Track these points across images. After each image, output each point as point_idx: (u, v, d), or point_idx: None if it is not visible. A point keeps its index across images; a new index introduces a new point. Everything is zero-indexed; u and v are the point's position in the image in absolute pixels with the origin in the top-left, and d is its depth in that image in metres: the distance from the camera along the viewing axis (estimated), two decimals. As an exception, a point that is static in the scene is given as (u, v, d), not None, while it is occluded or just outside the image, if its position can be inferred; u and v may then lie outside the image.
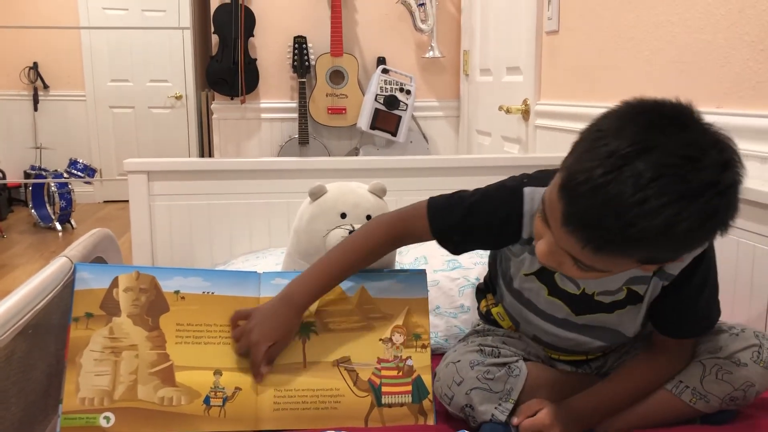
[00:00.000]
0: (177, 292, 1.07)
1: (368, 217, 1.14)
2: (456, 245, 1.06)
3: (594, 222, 0.76)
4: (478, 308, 1.22)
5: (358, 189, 1.23)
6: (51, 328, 1.02)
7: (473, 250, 1.11)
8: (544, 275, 1.02)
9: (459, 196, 1.05)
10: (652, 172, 0.72)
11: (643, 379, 1.01)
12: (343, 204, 1.15)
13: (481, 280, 1.24)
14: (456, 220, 1.02)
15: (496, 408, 0.98)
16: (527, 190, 0.97)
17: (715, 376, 0.98)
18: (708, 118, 1.60)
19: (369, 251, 1.08)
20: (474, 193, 1.04)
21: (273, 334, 1.03)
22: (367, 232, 1.09)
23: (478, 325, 1.20)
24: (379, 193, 1.19)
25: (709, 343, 1.01)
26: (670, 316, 1.00)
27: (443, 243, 1.06)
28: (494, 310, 1.16)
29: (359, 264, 1.09)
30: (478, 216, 1.01)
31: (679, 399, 0.99)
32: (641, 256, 0.81)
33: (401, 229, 1.07)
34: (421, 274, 1.15)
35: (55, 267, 1.04)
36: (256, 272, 1.14)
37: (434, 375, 1.07)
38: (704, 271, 0.97)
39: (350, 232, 1.10)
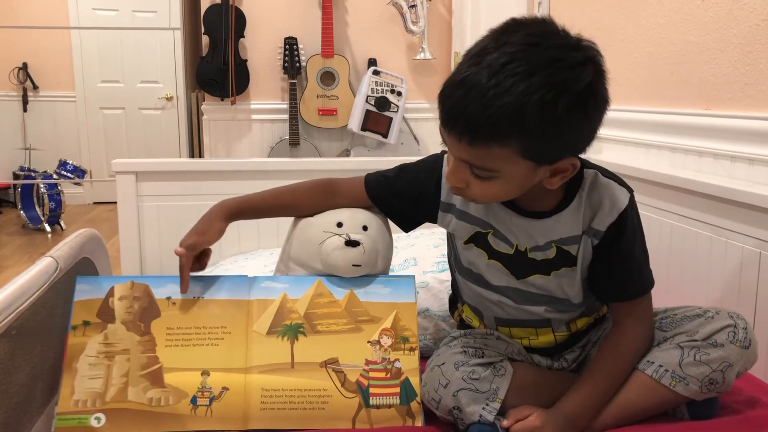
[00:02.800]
0: (169, 298, 1.10)
1: (365, 228, 1.14)
2: (392, 209, 1.15)
3: (461, 112, 0.85)
4: (453, 318, 1.26)
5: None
6: (35, 329, 1.01)
7: (415, 220, 1.16)
8: (479, 239, 1.07)
9: (393, 167, 1.16)
10: (504, 59, 0.83)
11: (612, 359, 1.04)
12: (339, 213, 1.15)
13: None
14: (387, 181, 1.14)
15: (483, 408, 0.98)
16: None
17: (693, 358, 0.99)
18: (697, 120, 1.62)
19: (304, 196, 1.18)
20: (408, 163, 1.16)
21: (196, 230, 1.12)
22: (308, 181, 1.20)
23: (454, 331, 1.22)
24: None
25: (686, 328, 1.03)
26: (606, 276, 1.05)
27: (381, 206, 1.16)
28: (464, 315, 1.19)
29: (291, 205, 1.19)
30: (405, 176, 1.13)
31: (659, 383, 1.00)
32: (517, 147, 0.86)
33: (337, 187, 1.18)
34: (410, 279, 1.15)
35: (40, 267, 1.03)
36: (246, 276, 1.14)
37: (422, 379, 1.07)
38: (631, 229, 1.02)
39: (346, 242, 1.10)
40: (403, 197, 1.13)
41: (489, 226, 1.05)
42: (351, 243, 1.11)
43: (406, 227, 1.18)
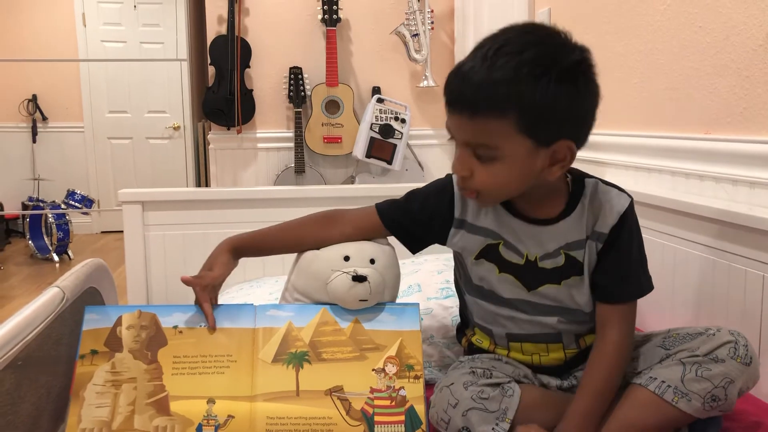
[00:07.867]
0: (176, 326, 1.11)
1: (372, 261, 1.14)
2: (403, 230, 1.17)
3: (461, 92, 0.96)
4: (460, 345, 1.27)
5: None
6: (41, 360, 1.02)
7: (424, 241, 1.18)
8: (490, 253, 1.11)
9: (402, 196, 1.20)
10: (498, 45, 0.93)
11: (599, 373, 1.04)
12: (346, 247, 1.15)
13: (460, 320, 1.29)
14: (398, 205, 1.18)
15: (493, 429, 0.98)
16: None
17: (695, 374, 1.00)
18: (697, 144, 1.63)
19: (309, 229, 1.19)
20: (416, 189, 1.20)
21: (204, 267, 1.16)
22: (311, 215, 1.22)
23: (461, 357, 1.22)
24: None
25: (688, 345, 1.04)
26: (607, 278, 1.08)
27: (392, 228, 1.17)
28: (473, 339, 1.19)
29: (298, 242, 1.19)
30: (416, 199, 1.17)
31: (661, 399, 1.00)
32: (515, 119, 0.93)
33: (342, 215, 1.20)
34: (414, 307, 1.15)
35: (46, 298, 1.04)
36: (251, 304, 1.15)
37: (428, 405, 1.07)
38: (629, 231, 1.08)
39: (353, 278, 1.11)
40: (416, 218, 1.15)
41: (499, 237, 1.09)
42: (358, 278, 1.11)
43: (414, 248, 1.19)
